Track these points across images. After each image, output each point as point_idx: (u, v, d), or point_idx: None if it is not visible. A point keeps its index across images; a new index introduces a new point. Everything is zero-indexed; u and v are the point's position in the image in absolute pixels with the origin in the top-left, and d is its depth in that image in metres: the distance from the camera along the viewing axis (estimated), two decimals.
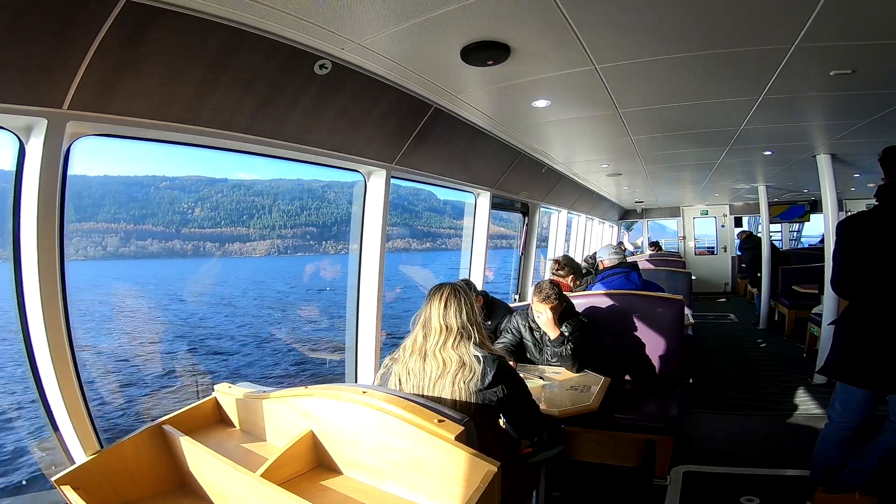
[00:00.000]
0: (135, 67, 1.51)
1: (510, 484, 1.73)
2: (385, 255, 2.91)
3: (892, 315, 1.99)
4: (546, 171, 4.87)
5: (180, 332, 23.46)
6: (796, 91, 2.68)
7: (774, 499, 2.35)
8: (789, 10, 1.71)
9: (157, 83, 1.60)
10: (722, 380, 4.37)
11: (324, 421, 1.39)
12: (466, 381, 1.58)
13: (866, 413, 2.16)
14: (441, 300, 1.68)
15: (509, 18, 1.77)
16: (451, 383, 1.59)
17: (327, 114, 2.23)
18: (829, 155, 4.59)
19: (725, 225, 10.99)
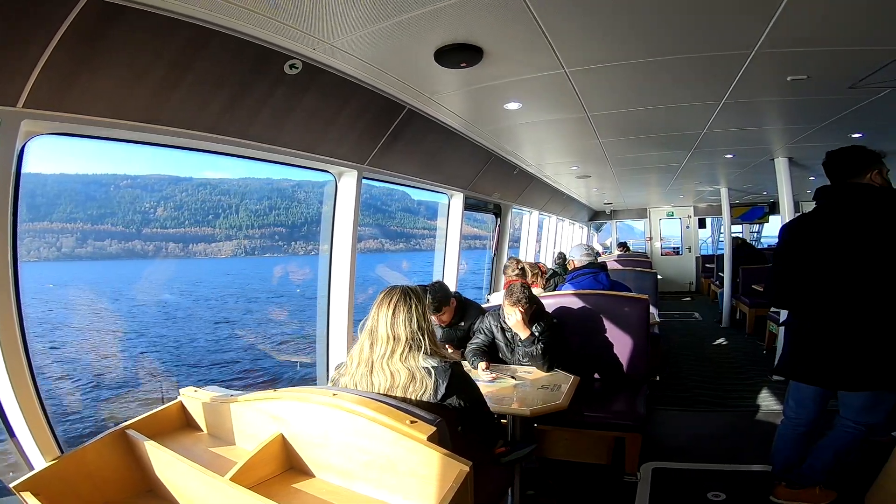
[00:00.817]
0: (94, 65, 1.46)
1: (484, 483, 1.74)
2: (356, 256, 2.88)
3: (835, 314, 2.03)
4: (518, 172, 4.92)
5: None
6: (755, 96, 2.79)
7: (739, 494, 2.42)
8: (750, 17, 1.77)
9: (117, 82, 1.55)
10: (687, 377, 4.49)
11: (294, 424, 1.37)
12: (419, 395, 1.50)
13: (819, 409, 2.23)
14: (389, 306, 1.56)
15: (483, 21, 1.78)
16: (402, 397, 1.50)
17: (297, 114, 2.20)
18: (787, 158, 4.80)
19: (690, 226, 11.38)
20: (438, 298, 2.88)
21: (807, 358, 2.13)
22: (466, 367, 2.62)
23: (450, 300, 2.95)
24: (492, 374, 2.47)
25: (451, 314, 2.99)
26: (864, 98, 2.73)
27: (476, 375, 2.46)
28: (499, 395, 2.23)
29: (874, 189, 2.00)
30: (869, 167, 2.02)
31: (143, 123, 1.70)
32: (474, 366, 2.60)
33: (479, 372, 2.50)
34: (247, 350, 20.49)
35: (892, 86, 2.49)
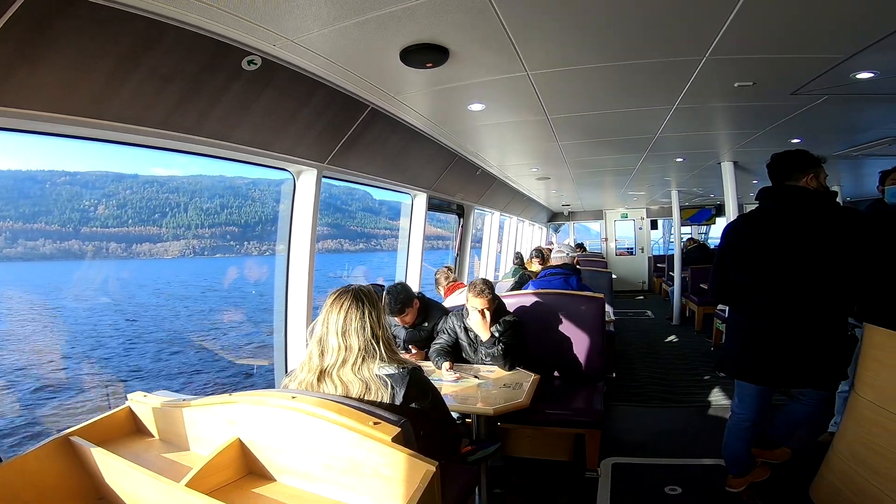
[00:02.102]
0: (37, 58, 1.36)
1: (451, 483, 1.75)
2: (315, 257, 2.81)
3: (770, 313, 2.09)
4: (481, 173, 4.96)
5: None
6: (705, 101, 2.92)
7: (694, 487, 2.51)
8: (702, 25, 1.85)
9: (59, 75, 1.45)
10: (641, 374, 4.64)
11: (251, 428, 1.32)
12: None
13: (762, 405, 2.28)
14: (339, 312, 1.44)
15: (450, 22, 1.78)
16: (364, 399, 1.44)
17: (255, 110, 2.12)
18: (732, 162, 5.09)
19: (643, 227, 11.87)
20: (401, 300, 2.85)
21: (745, 356, 2.19)
22: (430, 367, 2.61)
23: (413, 301, 2.93)
24: (455, 374, 2.47)
25: (415, 315, 2.97)
26: (803, 105, 2.91)
27: (440, 375, 2.46)
28: (463, 395, 2.23)
29: (808, 192, 2.08)
30: (806, 171, 2.11)
31: (88, 119, 1.60)
32: (438, 366, 2.59)
33: (442, 372, 2.50)
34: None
35: (829, 93, 2.66)
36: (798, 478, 2.39)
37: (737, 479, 2.37)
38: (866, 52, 2.05)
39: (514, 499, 2.49)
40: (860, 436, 2.08)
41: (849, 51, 2.06)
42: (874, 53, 2.06)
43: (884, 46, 1.97)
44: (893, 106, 2.97)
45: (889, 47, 1.98)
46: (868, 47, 2.00)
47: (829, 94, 2.68)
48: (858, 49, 2.03)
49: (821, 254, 1.99)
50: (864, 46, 1.99)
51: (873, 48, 2.00)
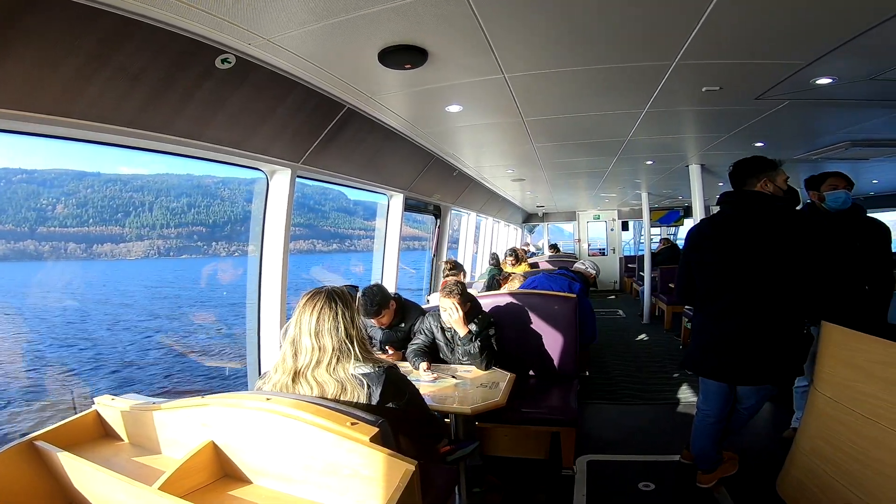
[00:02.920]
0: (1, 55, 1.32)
1: (431, 483, 1.75)
2: (289, 257, 2.78)
3: (732, 314, 2.15)
4: (457, 174, 4.98)
5: None
6: (674, 105, 3.01)
7: (667, 483, 2.56)
8: (673, 30, 1.91)
9: (25, 72, 1.40)
10: (614, 372, 4.74)
11: (226, 430, 1.30)
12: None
13: (725, 402, 2.34)
14: (312, 313, 1.42)
15: (429, 24, 1.79)
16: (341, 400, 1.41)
17: (227, 109, 2.09)
18: (699, 165, 5.26)
19: (614, 228, 12.15)
20: (377, 302, 2.83)
21: (708, 355, 2.25)
22: (408, 367, 2.60)
23: (389, 303, 2.91)
24: (433, 375, 2.47)
25: (392, 316, 2.95)
26: (767, 109, 3.03)
27: (417, 376, 2.46)
28: (441, 395, 2.23)
29: (763, 196, 2.17)
30: (759, 175, 2.19)
31: (53, 116, 1.55)
32: (416, 366, 2.58)
33: (420, 372, 2.49)
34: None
35: (791, 98, 2.77)
36: (765, 473, 2.47)
37: (706, 475, 2.43)
38: (825, 59, 2.15)
39: (494, 497, 2.51)
40: (820, 431, 2.16)
41: (809, 57, 2.16)
42: (833, 60, 2.16)
43: (841, 53, 2.07)
44: (850, 111, 3.12)
45: (846, 54, 2.08)
46: (827, 54, 2.09)
47: (790, 99, 2.79)
48: (818, 56, 2.12)
49: (775, 256, 2.07)
50: (824, 53, 2.09)
51: (832, 55, 2.10)
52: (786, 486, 2.31)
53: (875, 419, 1.86)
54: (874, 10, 1.70)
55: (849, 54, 2.08)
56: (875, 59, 2.18)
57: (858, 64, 2.24)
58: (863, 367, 1.98)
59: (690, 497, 2.41)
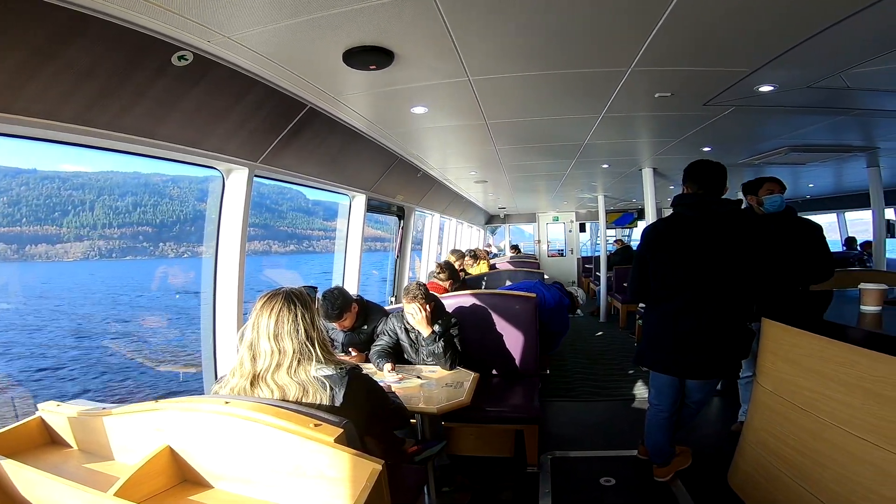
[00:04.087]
0: None
1: (400, 483, 1.76)
2: (245, 259, 2.70)
3: (687, 312, 2.25)
4: (421, 175, 4.97)
5: None
6: (629, 110, 3.13)
7: (626, 477, 2.64)
8: (629, 38, 1.99)
9: None
10: (572, 370, 4.86)
11: (182, 435, 1.26)
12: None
13: (676, 395, 2.44)
14: (271, 316, 1.39)
15: (396, 26, 1.79)
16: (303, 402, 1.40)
17: (182, 106, 2.01)
18: (652, 168, 5.48)
19: (572, 230, 12.48)
20: (339, 306, 2.79)
21: (662, 350, 2.34)
22: (372, 369, 2.58)
23: (351, 306, 2.87)
24: (398, 375, 2.46)
25: (354, 319, 2.91)
26: (714, 115, 3.19)
27: (382, 377, 2.44)
28: (406, 395, 2.23)
29: (723, 201, 2.28)
30: (725, 185, 2.30)
31: None
32: (380, 367, 2.57)
33: (384, 373, 2.48)
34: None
35: (736, 104, 2.93)
36: (717, 466, 2.59)
37: (661, 468, 2.53)
38: (767, 67, 2.29)
39: (462, 496, 2.52)
40: (764, 424, 2.25)
41: (753, 65, 2.29)
42: (774, 68, 2.30)
43: (782, 62, 2.21)
44: (789, 117, 3.32)
45: (786, 63, 2.22)
46: (769, 63, 2.23)
47: (735, 105, 2.95)
48: (761, 64, 2.26)
49: (729, 257, 2.19)
50: (766, 62, 2.23)
51: (773, 63, 2.23)
52: (736, 479, 2.41)
53: (812, 411, 1.95)
54: (810, 22, 1.82)
55: (788, 63, 2.22)
56: (812, 68, 2.33)
57: (797, 72, 2.39)
58: (799, 361, 2.07)
59: (649, 491, 2.50)
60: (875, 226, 5.10)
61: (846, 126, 3.56)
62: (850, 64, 2.27)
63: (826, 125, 3.52)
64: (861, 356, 1.73)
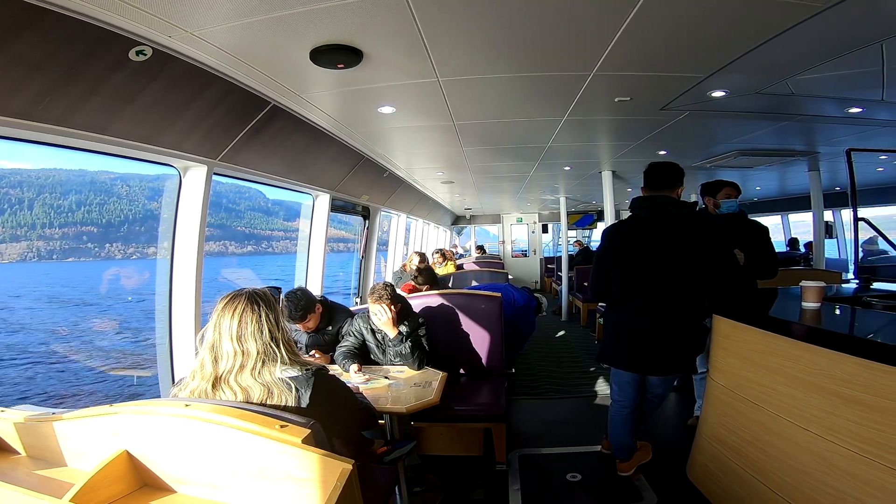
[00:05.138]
0: None
1: (370, 484, 1.75)
2: (203, 259, 2.62)
3: (640, 309, 2.32)
4: (388, 175, 4.94)
5: None
6: (590, 114, 3.22)
7: (591, 472, 2.70)
8: (591, 43, 2.05)
9: None
10: (536, 368, 4.95)
11: (140, 439, 1.22)
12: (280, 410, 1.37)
13: (637, 391, 2.51)
14: (233, 317, 1.35)
15: (366, 25, 1.78)
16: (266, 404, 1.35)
17: (138, 102, 1.94)
18: (611, 171, 5.65)
19: (535, 231, 12.71)
20: (303, 307, 2.73)
21: (622, 348, 2.40)
22: (338, 370, 2.54)
23: (314, 307, 2.82)
24: (364, 376, 2.43)
25: (318, 320, 2.85)
26: (670, 119, 3.33)
27: (348, 378, 2.41)
28: (374, 396, 2.21)
29: (676, 203, 2.36)
30: (678, 184, 2.38)
31: None
32: (345, 368, 2.53)
33: (350, 374, 2.44)
34: None
35: (690, 109, 3.07)
36: (676, 459, 2.69)
37: (624, 463, 2.60)
38: (720, 73, 2.41)
39: (434, 496, 2.52)
40: (718, 417, 2.33)
41: (706, 71, 2.40)
42: (726, 74, 2.42)
43: (733, 68, 2.33)
44: (739, 122, 3.51)
45: (736, 69, 2.34)
46: (721, 69, 2.34)
47: (690, 110, 3.09)
48: (714, 70, 2.37)
49: (686, 258, 2.27)
50: (718, 68, 2.34)
51: (725, 70, 2.35)
52: (694, 471, 2.49)
53: (761, 404, 2.02)
54: (759, 32, 1.94)
55: (739, 70, 2.34)
56: (760, 75, 2.47)
57: (746, 78, 2.52)
58: (746, 355, 2.15)
59: (613, 485, 2.56)
60: (815, 227, 5.45)
61: (790, 131, 3.78)
62: (794, 71, 2.41)
63: (772, 130, 3.73)
64: (802, 350, 1.80)
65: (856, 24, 1.86)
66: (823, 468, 1.68)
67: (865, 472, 1.53)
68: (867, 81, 2.60)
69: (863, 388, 1.55)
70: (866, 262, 5.24)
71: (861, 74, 2.49)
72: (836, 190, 6.93)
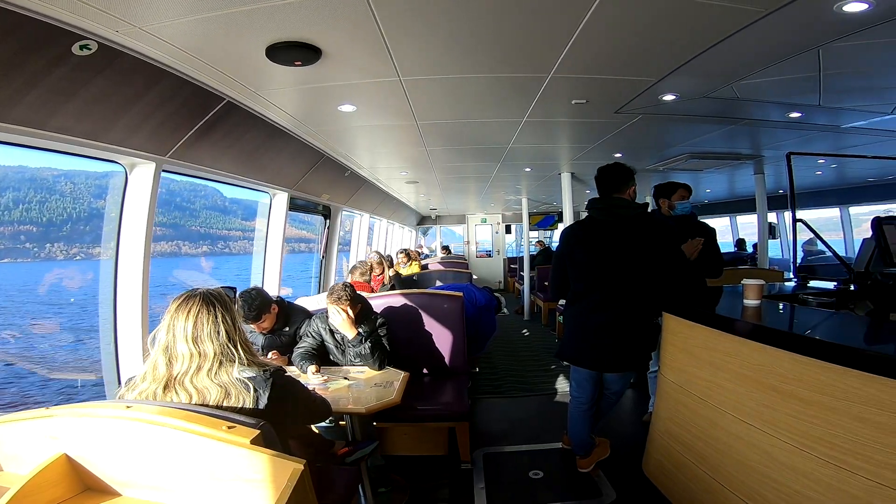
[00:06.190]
0: None
1: (331, 484, 1.74)
2: (150, 260, 2.53)
3: (600, 308, 2.37)
4: (350, 174, 4.86)
5: None
6: (549, 116, 3.28)
7: (553, 470, 2.73)
8: (549, 45, 2.09)
9: None
10: (499, 367, 4.99)
11: (80, 442, 1.18)
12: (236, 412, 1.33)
13: (595, 388, 2.55)
14: (188, 318, 1.32)
15: (324, 23, 1.76)
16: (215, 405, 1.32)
17: (81, 97, 1.85)
18: (570, 173, 5.77)
19: (499, 231, 12.85)
20: (257, 306, 2.65)
21: (579, 346, 2.45)
22: (295, 371, 2.48)
23: (270, 307, 2.74)
24: (323, 377, 2.39)
25: (273, 321, 2.78)
26: (624, 122, 3.42)
27: (306, 380, 2.36)
28: (334, 397, 2.17)
29: (630, 204, 2.41)
30: (629, 184, 2.44)
31: None
32: (303, 370, 2.48)
33: (308, 376, 2.40)
34: None
35: (643, 112, 3.16)
36: (633, 455, 2.75)
37: (584, 459, 2.66)
38: (670, 77, 2.49)
39: (400, 496, 2.50)
40: (669, 413, 2.38)
41: (657, 75, 2.48)
42: (676, 78, 2.50)
43: (682, 72, 2.41)
44: (690, 126, 3.63)
45: (685, 73, 2.42)
46: (671, 73, 2.42)
47: (643, 113, 3.19)
48: (664, 74, 2.45)
49: (639, 257, 2.34)
50: (669, 72, 2.42)
51: (675, 73, 2.43)
52: (649, 467, 2.55)
53: (708, 400, 2.06)
54: (705, 36, 2.01)
55: (687, 74, 2.43)
56: (707, 79, 2.57)
57: (695, 82, 2.62)
58: (693, 352, 2.20)
59: (573, 482, 2.61)
60: (759, 228, 5.76)
61: (737, 135, 3.95)
62: (739, 75, 2.52)
63: (721, 134, 3.89)
64: (743, 346, 1.86)
65: (794, 30, 1.95)
66: (766, 462, 1.73)
67: (803, 464, 1.57)
68: (806, 87, 2.73)
69: (797, 383, 1.61)
70: (806, 262, 5.60)
71: (800, 80, 2.61)
72: (779, 192, 7.27)
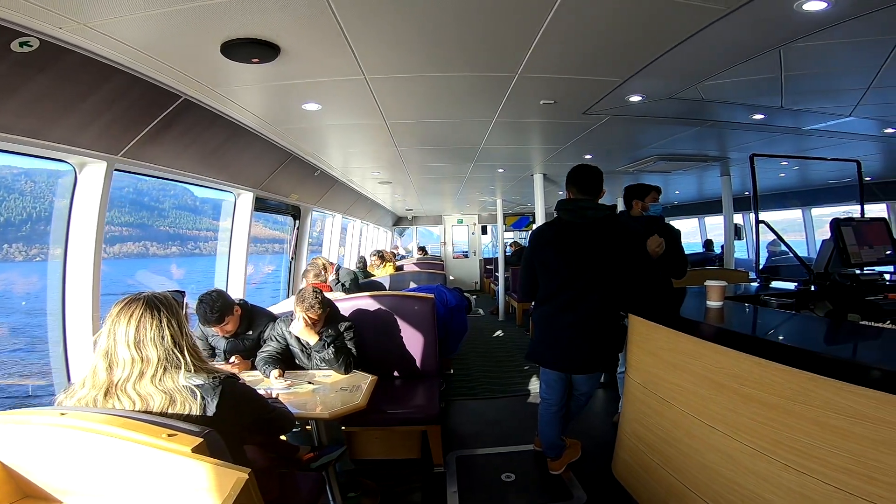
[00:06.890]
0: None
1: (293, 492, 1.72)
2: (101, 262, 2.44)
3: (567, 310, 2.38)
4: (319, 174, 4.77)
5: None
6: (519, 116, 3.27)
7: (525, 472, 2.73)
8: (515, 44, 2.07)
9: None
10: (473, 368, 4.97)
11: (15, 449, 1.15)
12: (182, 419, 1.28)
13: (564, 389, 2.56)
14: (130, 322, 1.27)
15: (281, 19, 1.71)
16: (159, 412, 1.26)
17: (22, 94, 1.77)
18: (542, 174, 5.79)
19: (475, 232, 12.87)
20: (219, 308, 2.56)
21: (548, 347, 2.45)
22: (259, 376, 2.41)
23: (233, 309, 2.66)
24: (286, 382, 2.32)
25: (236, 323, 2.69)
26: (592, 123, 3.44)
27: (269, 384, 2.31)
28: (299, 402, 2.12)
29: (596, 205, 2.41)
30: (601, 190, 2.44)
31: None
32: (266, 374, 2.41)
33: (271, 380, 2.33)
34: None
35: (611, 114, 3.17)
36: (603, 456, 2.76)
37: (555, 462, 2.66)
38: (635, 78, 2.49)
39: (370, 501, 2.45)
40: (636, 415, 2.38)
41: (623, 76, 2.47)
42: (641, 79, 2.51)
43: (647, 73, 2.41)
44: (657, 127, 3.65)
45: (650, 74, 2.42)
46: (636, 73, 2.42)
47: (610, 114, 3.20)
48: (629, 74, 2.45)
49: (606, 259, 2.34)
50: (634, 73, 2.42)
51: (640, 74, 2.43)
52: (618, 468, 2.56)
53: (672, 402, 2.06)
54: (668, 36, 2.01)
55: (652, 74, 2.43)
56: (672, 80, 2.58)
57: (660, 83, 2.63)
58: (656, 353, 2.21)
59: (545, 484, 2.61)
60: (725, 229, 5.91)
61: (704, 136, 4.01)
62: (702, 76, 2.53)
63: (687, 136, 3.95)
64: (704, 348, 1.85)
65: (756, 29, 1.96)
66: (729, 465, 1.72)
67: (764, 468, 1.57)
68: (769, 88, 2.78)
69: (758, 386, 1.60)
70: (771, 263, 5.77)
71: (763, 81, 2.65)
72: (745, 194, 7.45)
